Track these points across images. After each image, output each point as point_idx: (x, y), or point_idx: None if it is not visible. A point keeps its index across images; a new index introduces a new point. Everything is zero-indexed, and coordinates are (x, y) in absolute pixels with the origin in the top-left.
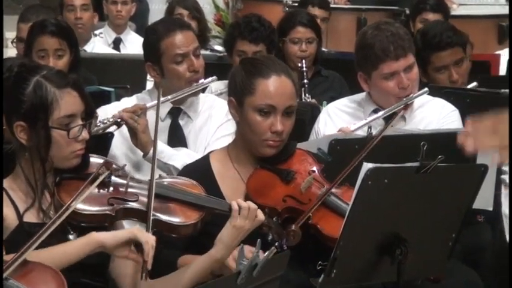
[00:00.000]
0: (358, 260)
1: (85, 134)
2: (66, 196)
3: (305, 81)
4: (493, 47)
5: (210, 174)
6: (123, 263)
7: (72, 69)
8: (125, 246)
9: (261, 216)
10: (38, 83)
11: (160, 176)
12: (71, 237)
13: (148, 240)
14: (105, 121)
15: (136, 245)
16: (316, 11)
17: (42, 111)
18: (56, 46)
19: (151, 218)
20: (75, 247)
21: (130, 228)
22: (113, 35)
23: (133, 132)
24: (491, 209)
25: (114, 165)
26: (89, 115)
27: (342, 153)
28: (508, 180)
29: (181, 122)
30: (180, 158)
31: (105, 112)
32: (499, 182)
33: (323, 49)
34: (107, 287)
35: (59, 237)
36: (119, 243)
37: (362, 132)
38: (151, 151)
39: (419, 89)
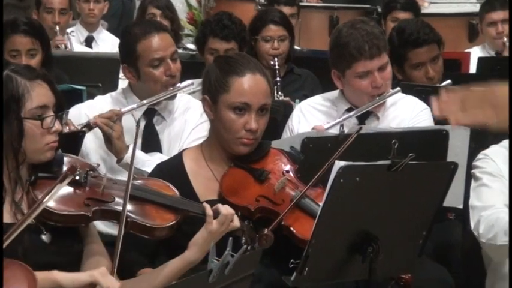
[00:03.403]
0: (329, 258)
1: (58, 126)
2: (40, 194)
3: (277, 79)
4: (464, 45)
5: (182, 173)
6: (95, 259)
7: (44, 68)
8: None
9: (236, 222)
10: (7, 76)
11: (134, 177)
12: (43, 237)
13: (110, 285)
14: (78, 125)
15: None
16: (283, 9)
17: (14, 103)
18: (29, 46)
19: (127, 219)
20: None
21: (92, 272)
22: (85, 33)
23: (107, 138)
24: (461, 206)
25: (89, 165)
26: (60, 109)
27: (315, 151)
28: (478, 174)
29: (156, 123)
30: (153, 164)
31: (79, 111)
32: (469, 178)
33: (295, 47)
34: None
35: (32, 237)
36: (80, 286)
37: (335, 131)
38: (124, 157)
39: (393, 86)
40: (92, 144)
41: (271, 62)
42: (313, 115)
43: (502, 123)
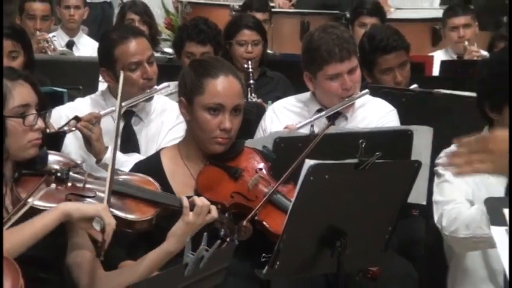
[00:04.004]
0: (300, 252)
1: (40, 123)
2: (23, 192)
3: (251, 81)
4: (427, 49)
5: (160, 171)
6: (80, 252)
7: (27, 70)
8: (89, 221)
9: (214, 213)
10: None
11: (117, 173)
12: None
13: (111, 222)
14: (59, 129)
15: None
16: (256, 15)
17: None
18: (10, 48)
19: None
20: (44, 220)
21: (97, 205)
22: (66, 38)
23: (87, 140)
24: (425, 203)
25: (72, 162)
26: (43, 108)
27: (286, 150)
28: (440, 171)
29: (133, 124)
30: (131, 165)
31: (60, 113)
32: (432, 176)
33: (268, 51)
34: (62, 282)
35: None
36: (84, 217)
37: (306, 131)
38: (104, 158)
39: (361, 89)
40: (73, 145)
41: (245, 65)
42: (285, 115)
43: (503, 169)
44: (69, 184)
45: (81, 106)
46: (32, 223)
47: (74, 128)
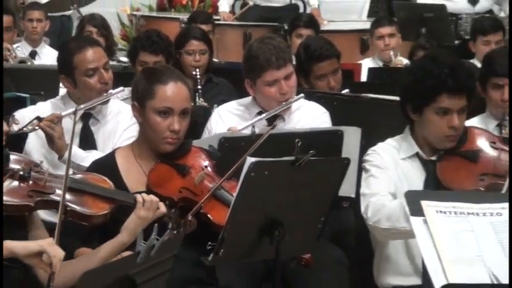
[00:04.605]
0: (242, 241)
1: (5, 127)
2: None
3: (199, 87)
4: (356, 57)
5: (115, 168)
6: None
7: None
8: (36, 256)
9: (162, 208)
10: None
11: (74, 172)
12: None
13: (57, 254)
14: (23, 128)
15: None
16: (200, 26)
17: None
18: None
19: (67, 208)
20: None
21: (41, 241)
22: (29, 48)
23: (49, 138)
24: (354, 196)
25: (33, 162)
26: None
27: (230, 149)
28: (367, 166)
29: (91, 126)
30: (91, 159)
31: (22, 115)
32: (360, 171)
33: (214, 59)
34: (24, 269)
35: None
36: (29, 254)
37: (247, 131)
38: (65, 154)
39: (297, 93)
40: (35, 144)
41: (193, 73)
42: (229, 118)
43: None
44: (31, 182)
45: (43, 108)
46: None
47: (37, 127)
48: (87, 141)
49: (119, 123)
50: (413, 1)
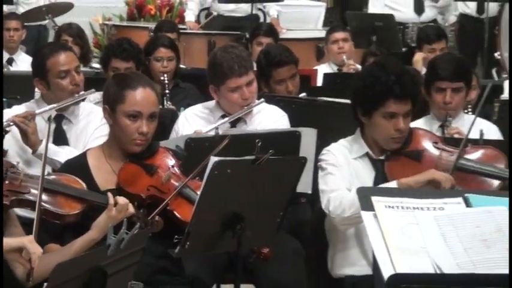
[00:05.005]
0: (206, 234)
1: None
2: None
3: (166, 91)
4: (313, 63)
5: (86, 168)
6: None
7: None
8: (17, 251)
9: (131, 209)
10: None
11: (48, 173)
12: None
13: (36, 251)
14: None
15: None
16: (166, 35)
17: None
18: None
19: (41, 208)
20: None
21: (22, 238)
22: (7, 56)
23: (24, 134)
24: (310, 192)
25: (10, 163)
26: None
27: (195, 149)
28: (323, 165)
29: (64, 126)
30: (63, 154)
31: None
32: (316, 169)
33: (181, 66)
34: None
35: None
36: (10, 249)
37: (212, 133)
38: (38, 149)
39: (258, 97)
40: (10, 143)
41: (162, 78)
42: (194, 120)
43: None
44: (7, 182)
45: (18, 111)
46: None
47: (11, 123)
48: (60, 139)
49: (89, 123)
50: (365, 11)
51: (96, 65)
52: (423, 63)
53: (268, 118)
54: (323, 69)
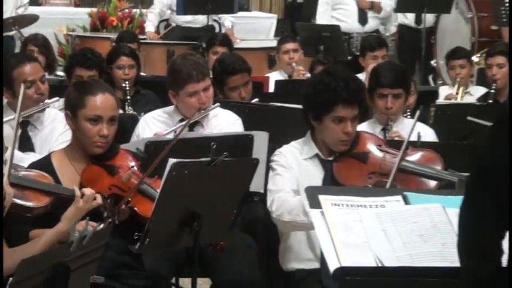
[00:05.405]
0: (165, 231)
1: None
2: None
3: (128, 97)
4: (264, 71)
5: (51, 170)
6: None
7: None
8: None
9: (99, 199)
10: None
11: (17, 170)
12: None
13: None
14: None
15: None
16: (127, 44)
17: None
18: None
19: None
20: None
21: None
22: None
23: None
24: (262, 191)
25: None
26: None
27: (155, 151)
28: (274, 166)
29: (29, 131)
30: (29, 161)
31: None
32: (268, 170)
33: (141, 73)
34: None
35: None
36: None
37: (170, 136)
38: (4, 156)
39: (214, 103)
40: None
41: (123, 85)
42: (154, 124)
43: None
44: None
45: None
46: None
47: None
48: (26, 145)
49: (54, 129)
50: (313, 22)
51: (60, 73)
52: None
53: (224, 122)
54: (275, 76)
